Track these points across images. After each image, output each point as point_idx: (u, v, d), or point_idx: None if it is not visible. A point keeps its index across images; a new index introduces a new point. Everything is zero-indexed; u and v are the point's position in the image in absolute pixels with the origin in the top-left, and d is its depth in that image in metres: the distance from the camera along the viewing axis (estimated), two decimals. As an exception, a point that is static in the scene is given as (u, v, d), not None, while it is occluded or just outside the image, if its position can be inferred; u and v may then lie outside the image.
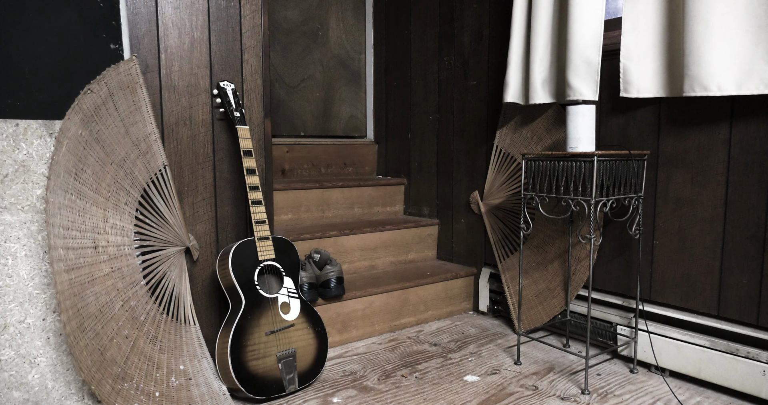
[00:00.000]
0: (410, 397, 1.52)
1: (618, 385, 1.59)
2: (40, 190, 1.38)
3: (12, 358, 1.32)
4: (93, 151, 1.39)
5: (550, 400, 1.49)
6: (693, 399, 1.50)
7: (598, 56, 1.64)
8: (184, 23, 1.57)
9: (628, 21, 1.60)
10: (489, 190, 2.16)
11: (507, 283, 2.07)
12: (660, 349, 1.63)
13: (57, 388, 1.36)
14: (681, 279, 1.63)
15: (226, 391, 1.46)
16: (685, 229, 1.61)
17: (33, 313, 1.36)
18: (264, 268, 1.56)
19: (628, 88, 1.63)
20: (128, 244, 1.43)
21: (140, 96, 1.46)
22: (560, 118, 1.89)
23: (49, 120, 1.39)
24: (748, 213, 1.48)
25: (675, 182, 1.63)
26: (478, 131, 2.24)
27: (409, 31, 2.56)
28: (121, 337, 1.35)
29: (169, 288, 1.49)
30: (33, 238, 1.37)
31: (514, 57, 1.90)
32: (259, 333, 1.48)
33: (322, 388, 1.57)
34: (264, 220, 1.57)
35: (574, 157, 1.51)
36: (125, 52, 1.49)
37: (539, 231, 1.97)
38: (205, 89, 1.62)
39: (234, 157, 1.68)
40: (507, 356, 1.80)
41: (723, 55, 1.41)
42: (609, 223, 1.80)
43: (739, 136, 1.49)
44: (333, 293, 1.83)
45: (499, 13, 2.11)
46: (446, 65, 2.37)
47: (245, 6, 1.67)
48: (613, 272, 1.81)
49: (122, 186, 1.43)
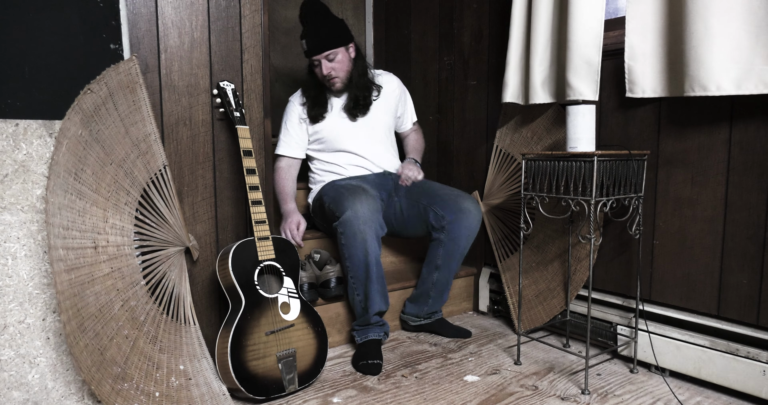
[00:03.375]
0: (410, 397, 1.52)
1: (618, 385, 1.59)
2: (40, 190, 1.38)
3: (12, 358, 1.32)
4: (93, 151, 1.39)
5: (550, 400, 1.49)
6: (693, 399, 1.50)
7: (598, 56, 1.64)
8: (184, 23, 1.57)
9: (632, 21, 1.59)
10: (489, 190, 2.16)
11: (507, 283, 2.07)
12: (660, 349, 1.63)
13: (57, 388, 1.36)
14: (681, 279, 1.63)
15: (226, 391, 1.46)
16: (685, 229, 1.61)
17: (33, 313, 1.36)
18: (264, 268, 1.56)
19: (634, 88, 1.63)
20: (128, 244, 1.43)
21: (140, 96, 1.46)
22: (560, 118, 1.89)
23: (49, 120, 1.39)
24: (748, 213, 1.48)
25: (675, 182, 1.63)
26: (478, 131, 2.24)
27: (409, 31, 2.56)
28: (121, 337, 1.35)
29: (169, 288, 1.49)
30: (33, 238, 1.37)
31: (514, 57, 1.90)
32: (259, 333, 1.48)
33: (322, 388, 1.57)
34: (264, 220, 1.57)
35: (574, 157, 1.51)
36: (125, 52, 1.49)
37: (539, 231, 1.97)
38: (205, 89, 1.62)
39: (234, 157, 1.68)
40: (507, 356, 1.80)
41: (722, 54, 1.41)
42: (609, 223, 1.80)
43: (739, 136, 1.49)
44: (333, 293, 1.83)
45: (499, 13, 2.11)
46: (446, 65, 2.37)
47: (245, 6, 1.67)
48: (613, 272, 1.81)
49: (122, 186, 1.43)
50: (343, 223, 1.73)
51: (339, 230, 1.75)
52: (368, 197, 1.77)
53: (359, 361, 1.71)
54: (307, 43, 1.92)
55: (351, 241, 1.73)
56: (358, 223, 1.71)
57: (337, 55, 1.92)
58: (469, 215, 1.83)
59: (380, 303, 1.80)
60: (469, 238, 1.86)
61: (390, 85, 2.11)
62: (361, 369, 1.69)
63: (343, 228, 1.73)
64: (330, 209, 1.86)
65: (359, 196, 1.76)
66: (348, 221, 1.71)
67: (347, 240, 1.74)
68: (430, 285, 1.94)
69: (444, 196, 1.89)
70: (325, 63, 1.92)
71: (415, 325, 2.01)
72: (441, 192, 1.91)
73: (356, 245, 1.73)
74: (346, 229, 1.73)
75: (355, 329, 1.85)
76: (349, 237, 1.72)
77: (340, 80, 1.96)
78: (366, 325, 1.83)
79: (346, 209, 1.73)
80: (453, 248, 1.86)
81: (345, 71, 1.96)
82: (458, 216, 1.82)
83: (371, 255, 1.74)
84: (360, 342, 1.81)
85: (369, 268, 1.75)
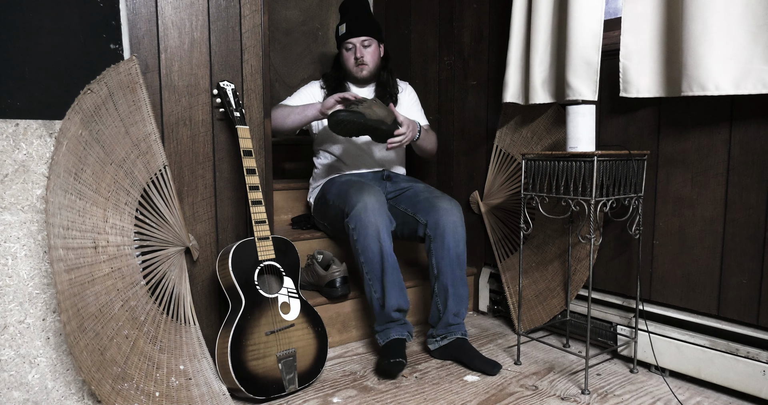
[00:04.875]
0: (410, 397, 1.52)
1: (618, 385, 1.59)
2: (40, 190, 1.38)
3: (12, 358, 1.32)
4: (93, 151, 1.39)
5: (550, 400, 1.49)
6: (693, 399, 1.50)
7: (597, 56, 1.64)
8: (184, 23, 1.57)
9: (628, 21, 1.60)
10: (489, 190, 2.16)
11: (507, 283, 2.07)
12: (660, 349, 1.63)
13: (57, 388, 1.36)
14: (681, 279, 1.63)
15: (226, 391, 1.46)
16: (685, 229, 1.61)
17: (33, 313, 1.36)
18: (264, 268, 1.56)
19: (628, 88, 1.63)
20: (128, 244, 1.43)
21: (140, 96, 1.46)
22: (560, 118, 1.89)
23: (49, 120, 1.39)
24: (748, 213, 1.48)
25: (675, 182, 1.63)
26: (478, 131, 2.24)
27: (409, 31, 2.56)
28: (121, 337, 1.35)
29: (169, 288, 1.49)
30: (33, 238, 1.37)
31: (514, 57, 1.90)
32: (259, 333, 1.48)
33: (322, 388, 1.57)
34: (264, 220, 1.57)
35: (574, 157, 1.51)
36: (125, 52, 1.49)
37: (539, 231, 1.97)
38: (205, 89, 1.62)
39: (234, 157, 1.68)
40: (507, 356, 1.80)
41: (721, 54, 1.41)
42: (609, 223, 1.80)
43: (739, 136, 1.49)
44: (339, 293, 1.82)
45: (499, 13, 2.11)
46: (446, 65, 2.37)
47: (245, 6, 1.67)
48: (613, 272, 1.81)
49: (122, 186, 1.43)
50: (354, 217, 1.70)
51: (350, 226, 1.72)
52: (374, 190, 1.76)
53: (382, 361, 1.62)
54: (347, 25, 2.00)
55: (364, 234, 1.69)
56: (370, 215, 1.69)
57: (372, 45, 2.03)
58: (446, 213, 1.78)
59: (398, 297, 1.71)
60: (455, 235, 1.77)
61: (406, 90, 2.19)
62: (381, 370, 1.61)
63: (355, 222, 1.70)
64: (336, 206, 1.85)
65: (365, 189, 1.75)
66: (359, 215, 1.69)
67: (360, 234, 1.70)
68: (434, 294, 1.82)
69: (423, 200, 1.87)
70: (360, 48, 2.00)
71: (435, 348, 1.79)
72: (421, 196, 1.89)
73: (370, 236, 1.69)
74: (357, 223, 1.70)
75: (376, 332, 1.76)
76: (362, 230, 1.69)
77: (368, 69, 2.03)
78: (387, 322, 1.73)
79: (356, 203, 1.71)
80: (442, 250, 1.77)
81: (374, 63, 2.05)
82: (436, 218, 1.78)
83: (385, 245, 1.70)
84: (383, 344, 1.72)
85: (384, 259, 1.69)
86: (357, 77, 2.04)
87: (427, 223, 1.81)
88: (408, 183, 2.02)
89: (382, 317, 1.74)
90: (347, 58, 2.04)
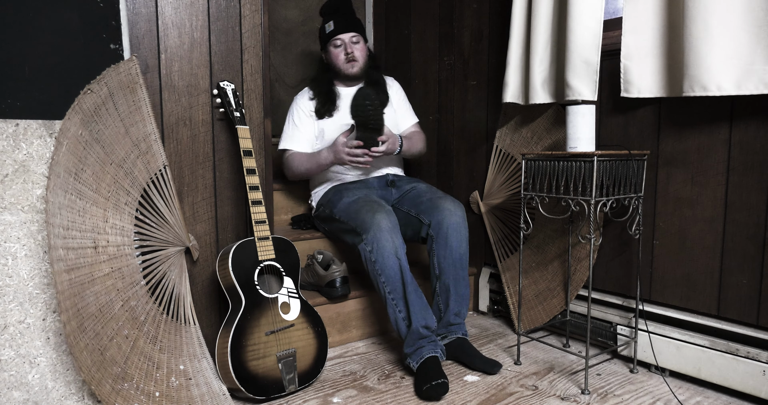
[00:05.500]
0: (410, 396, 1.52)
1: (618, 385, 1.59)
2: (40, 190, 1.38)
3: (12, 358, 1.32)
4: (93, 151, 1.39)
5: (550, 400, 1.49)
6: (693, 399, 1.50)
7: (597, 56, 1.64)
8: (184, 23, 1.57)
9: (629, 21, 1.60)
10: (489, 190, 2.16)
11: (507, 283, 2.07)
12: (660, 349, 1.63)
13: (57, 388, 1.36)
14: (681, 279, 1.63)
15: (226, 391, 1.46)
16: (685, 229, 1.61)
17: (33, 313, 1.36)
18: (264, 268, 1.56)
19: (629, 88, 1.63)
20: (128, 244, 1.43)
21: (140, 96, 1.46)
22: (560, 118, 1.89)
23: (49, 120, 1.39)
24: (748, 213, 1.48)
25: (675, 182, 1.63)
26: (478, 131, 2.24)
27: (409, 31, 2.56)
28: (121, 337, 1.35)
29: (169, 288, 1.49)
30: (33, 238, 1.37)
31: (514, 57, 1.90)
32: (259, 333, 1.48)
33: (322, 388, 1.57)
34: (264, 220, 1.57)
35: (574, 157, 1.51)
36: (125, 52, 1.49)
37: (539, 231, 1.97)
38: (205, 89, 1.62)
39: (234, 157, 1.68)
40: (507, 356, 1.80)
41: (722, 54, 1.41)
42: (609, 223, 1.80)
43: (739, 136, 1.49)
44: (339, 293, 1.82)
45: (499, 13, 2.11)
46: (446, 65, 2.37)
47: (245, 6, 1.67)
48: (613, 272, 1.81)
49: (122, 186, 1.43)
50: (370, 240, 1.67)
51: (367, 249, 1.68)
52: (386, 210, 1.74)
53: (422, 386, 1.51)
54: (335, 23, 2.01)
55: (383, 254, 1.65)
56: (386, 235, 1.66)
57: (360, 42, 2.04)
58: (450, 213, 1.78)
59: (425, 314, 1.65)
60: (459, 235, 1.77)
61: (393, 86, 2.18)
62: (425, 395, 1.49)
63: (371, 245, 1.67)
64: (344, 222, 1.82)
65: (377, 209, 1.73)
66: (376, 237, 1.66)
67: (379, 254, 1.66)
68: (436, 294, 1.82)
69: (426, 201, 1.86)
70: (349, 44, 2.02)
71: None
72: (425, 197, 1.89)
73: (388, 255, 1.65)
74: (375, 244, 1.66)
75: (407, 355, 1.64)
76: (380, 250, 1.65)
77: (359, 65, 2.04)
78: (417, 339, 1.63)
79: (371, 225, 1.68)
80: (445, 250, 1.77)
81: (363, 59, 2.06)
82: (440, 218, 1.78)
83: (404, 263, 1.66)
84: (417, 366, 1.59)
85: (404, 275, 1.66)
86: (347, 74, 2.04)
87: (430, 224, 1.80)
88: (410, 184, 2.02)
89: (411, 336, 1.64)
90: (336, 55, 2.03)
